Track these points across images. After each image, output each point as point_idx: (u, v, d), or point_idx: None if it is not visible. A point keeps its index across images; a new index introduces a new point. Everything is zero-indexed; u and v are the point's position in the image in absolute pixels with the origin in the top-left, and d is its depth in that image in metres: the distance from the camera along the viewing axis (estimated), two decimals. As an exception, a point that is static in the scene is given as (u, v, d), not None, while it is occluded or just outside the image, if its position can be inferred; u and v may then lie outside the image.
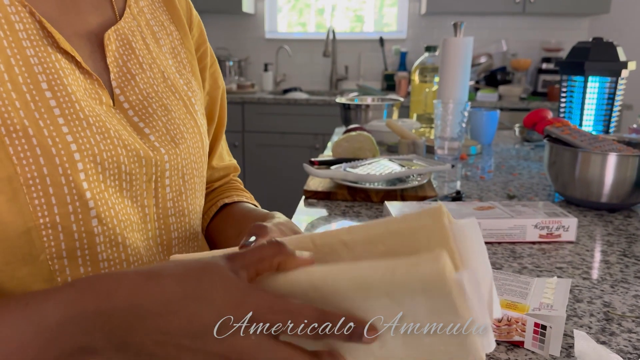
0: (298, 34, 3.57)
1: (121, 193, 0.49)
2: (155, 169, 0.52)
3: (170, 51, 0.60)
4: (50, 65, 0.45)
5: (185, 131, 0.56)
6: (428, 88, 1.72)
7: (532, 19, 3.31)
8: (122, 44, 0.54)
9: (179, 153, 0.55)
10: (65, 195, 0.43)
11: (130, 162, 0.49)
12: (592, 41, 1.33)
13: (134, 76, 0.54)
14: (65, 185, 0.43)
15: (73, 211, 0.44)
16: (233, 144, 3.10)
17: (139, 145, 0.50)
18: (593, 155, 0.95)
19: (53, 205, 0.43)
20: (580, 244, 0.82)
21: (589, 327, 0.58)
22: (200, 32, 0.67)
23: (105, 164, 0.46)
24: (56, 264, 0.44)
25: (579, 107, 1.36)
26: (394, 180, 1.07)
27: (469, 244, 0.35)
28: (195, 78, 0.63)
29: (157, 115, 0.54)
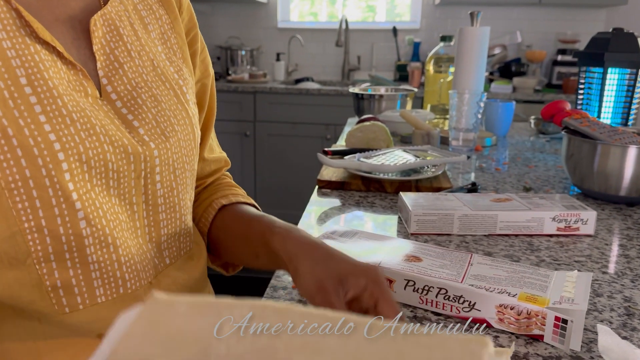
0: (310, 24, 3.54)
1: (108, 192, 0.46)
2: (145, 164, 0.49)
3: (159, 37, 0.57)
4: (29, 58, 0.42)
5: (176, 123, 0.54)
6: (443, 78, 1.70)
7: (548, 10, 3.26)
8: (109, 29, 0.51)
9: (170, 147, 0.52)
10: (50, 197, 0.41)
11: (117, 159, 0.46)
12: (612, 32, 1.30)
13: (122, 65, 0.51)
14: (50, 187, 0.41)
15: (59, 214, 0.42)
16: (244, 133, 3.10)
17: (127, 141, 0.47)
18: (613, 147, 0.93)
19: (38, 208, 0.41)
20: (598, 238, 0.81)
21: (609, 322, 0.57)
22: (190, 15, 0.63)
23: (92, 162, 0.44)
24: (44, 267, 0.43)
25: (597, 99, 1.34)
26: (408, 171, 1.06)
27: None
28: (187, 64, 0.60)
29: (146, 107, 0.51)
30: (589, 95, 1.37)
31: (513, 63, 3.15)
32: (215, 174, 0.73)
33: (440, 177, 1.05)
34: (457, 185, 1.06)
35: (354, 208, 0.92)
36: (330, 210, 0.91)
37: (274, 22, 3.53)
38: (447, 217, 0.79)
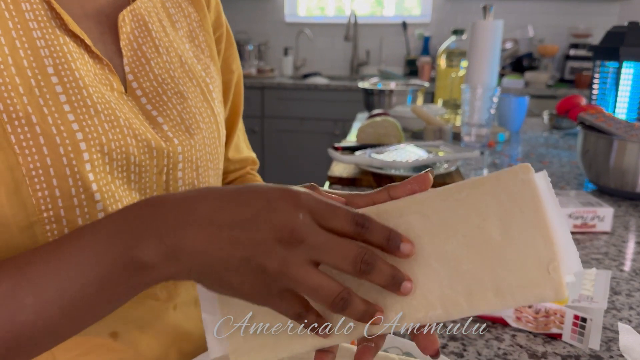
0: (318, 18, 3.53)
1: (129, 185, 0.46)
2: (167, 160, 0.49)
3: (187, 35, 0.57)
4: (57, 49, 0.42)
5: (202, 120, 0.53)
6: (454, 73, 1.68)
7: (560, 4, 3.22)
8: (137, 25, 0.51)
9: (194, 144, 0.51)
10: (70, 187, 0.41)
11: (140, 152, 0.46)
12: (628, 25, 1.28)
13: (149, 60, 0.51)
14: (70, 176, 0.41)
15: (78, 204, 0.41)
16: (252, 129, 3.09)
17: (151, 135, 0.47)
18: (629, 143, 0.91)
19: (57, 197, 0.40)
20: (615, 235, 0.80)
21: (628, 321, 0.56)
22: (217, 14, 0.63)
23: (113, 154, 0.44)
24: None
25: (613, 94, 1.32)
26: (420, 167, 1.05)
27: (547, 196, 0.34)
28: (214, 62, 0.60)
29: (172, 104, 0.51)
30: (603, 90, 1.35)
31: (525, 57, 3.12)
32: (239, 170, 0.72)
33: (453, 174, 1.04)
34: (470, 181, 1.05)
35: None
36: (342, 206, 0.91)
37: (282, 17, 3.51)
38: (461, 213, 0.78)
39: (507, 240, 0.33)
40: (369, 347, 0.38)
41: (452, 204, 0.35)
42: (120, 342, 0.48)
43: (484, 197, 0.34)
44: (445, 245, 0.34)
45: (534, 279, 0.32)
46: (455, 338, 0.53)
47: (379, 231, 0.34)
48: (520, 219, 0.33)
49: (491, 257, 0.33)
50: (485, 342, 0.52)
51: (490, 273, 0.33)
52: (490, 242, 0.33)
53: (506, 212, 0.33)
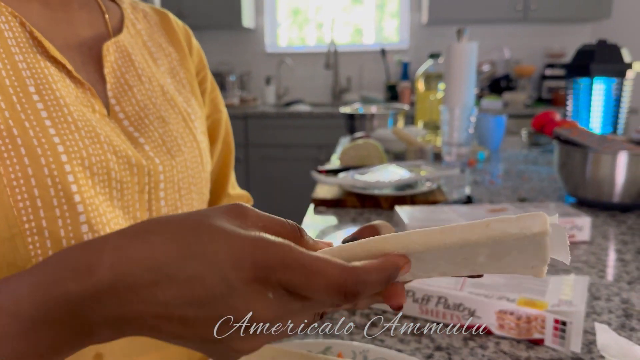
0: (299, 47, 3.59)
1: (112, 202, 0.46)
2: (149, 178, 0.50)
3: (168, 71, 0.60)
4: (39, 72, 0.44)
5: (183, 144, 0.55)
6: (433, 95, 1.72)
7: (534, 26, 3.32)
8: (121, 55, 0.54)
9: (175, 165, 0.52)
10: (52, 197, 0.41)
11: (120, 169, 0.47)
12: (597, 43, 1.33)
13: (132, 87, 0.53)
14: (52, 187, 0.41)
15: (60, 215, 0.41)
16: (237, 158, 3.11)
17: (131, 153, 0.48)
18: (603, 155, 0.94)
19: (39, 208, 0.40)
20: (594, 244, 0.81)
21: (608, 324, 0.57)
22: (200, 58, 0.66)
23: (94, 168, 0.44)
24: None
25: (586, 110, 1.36)
26: (403, 186, 1.07)
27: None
28: (196, 98, 0.62)
29: (153, 127, 0.53)
30: (577, 106, 1.40)
31: (502, 79, 3.20)
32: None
33: (435, 191, 1.06)
34: (452, 198, 1.07)
35: (350, 225, 0.93)
36: (327, 229, 0.92)
37: (262, 47, 3.57)
38: (443, 228, 0.79)
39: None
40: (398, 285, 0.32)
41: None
42: None
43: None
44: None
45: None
46: (441, 347, 0.53)
47: (377, 282, 0.29)
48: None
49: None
50: (470, 350, 0.53)
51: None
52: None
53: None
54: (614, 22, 3.19)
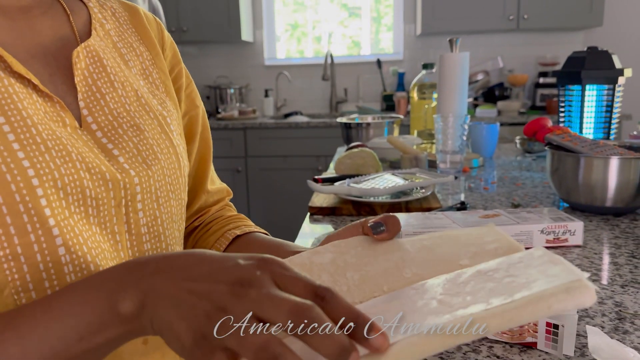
0: (297, 60, 3.62)
1: (88, 220, 0.45)
2: (125, 192, 0.48)
3: (141, 72, 0.57)
4: (2, 90, 0.42)
5: (160, 152, 0.53)
6: (427, 104, 1.74)
7: (527, 35, 3.35)
8: (92, 61, 0.51)
9: (152, 175, 0.51)
10: (25, 224, 0.40)
11: (95, 186, 0.45)
12: (587, 50, 1.35)
13: (104, 95, 0.51)
14: (25, 213, 0.40)
15: (36, 240, 0.41)
16: (236, 169, 3.12)
17: (105, 168, 0.47)
18: (595, 160, 0.95)
19: (12, 235, 0.40)
20: (587, 248, 0.82)
21: (601, 327, 0.57)
22: (173, 52, 0.64)
23: (68, 189, 0.43)
24: (23, 298, 0.41)
25: (578, 116, 1.37)
26: (398, 194, 1.08)
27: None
28: (170, 98, 0.60)
29: (127, 136, 0.51)
30: (570, 113, 1.41)
31: (496, 87, 3.22)
32: (218, 203, 0.73)
33: (430, 198, 1.07)
34: (447, 205, 1.07)
35: (346, 232, 0.93)
36: (323, 236, 0.92)
37: (261, 60, 3.60)
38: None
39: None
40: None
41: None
42: None
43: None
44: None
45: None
46: (434, 352, 0.54)
47: (342, 310, 0.30)
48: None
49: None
50: (463, 354, 0.53)
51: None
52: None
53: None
54: (605, 30, 3.22)
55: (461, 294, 0.35)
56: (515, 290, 0.33)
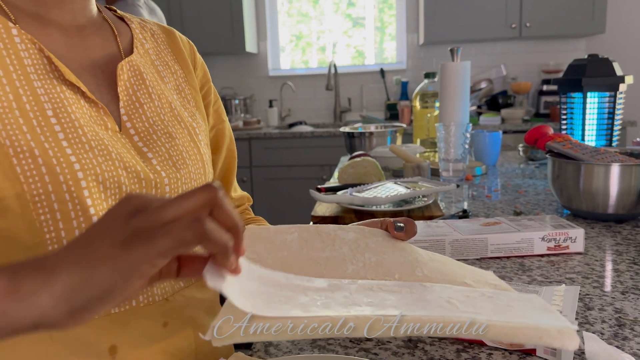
0: (300, 70, 3.65)
1: None
2: (155, 190, 0.54)
3: (174, 88, 0.65)
4: (55, 97, 0.49)
5: (188, 158, 0.60)
6: (430, 113, 1.75)
7: (530, 43, 3.36)
8: (133, 74, 0.59)
9: (180, 177, 0.57)
10: (69, 211, 0.46)
11: (130, 182, 0.52)
12: (588, 58, 1.36)
13: (142, 105, 0.58)
14: (70, 201, 0.46)
15: (77, 226, 0.46)
16: (241, 179, 3.13)
17: (140, 168, 0.53)
18: (596, 167, 0.95)
19: (58, 220, 0.46)
20: (589, 255, 0.82)
21: (601, 334, 0.57)
22: (204, 72, 0.72)
23: (107, 183, 0.49)
24: None
25: (580, 124, 1.38)
26: (400, 202, 1.08)
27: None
28: (200, 112, 0.67)
29: (160, 142, 0.58)
30: (571, 120, 1.41)
31: (500, 95, 3.23)
32: (239, 207, 0.81)
33: (432, 206, 1.08)
34: (449, 213, 1.08)
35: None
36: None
37: (265, 71, 3.63)
38: (439, 242, 0.81)
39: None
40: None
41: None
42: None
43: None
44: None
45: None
46: (434, 359, 0.54)
47: (227, 219, 0.34)
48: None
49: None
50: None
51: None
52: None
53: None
54: (608, 37, 3.23)
55: (468, 304, 0.39)
56: (515, 317, 0.38)
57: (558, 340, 0.36)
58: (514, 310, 0.40)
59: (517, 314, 0.39)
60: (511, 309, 0.40)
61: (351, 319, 0.34)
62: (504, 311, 0.39)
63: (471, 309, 0.38)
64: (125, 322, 0.52)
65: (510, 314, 0.38)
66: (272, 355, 0.56)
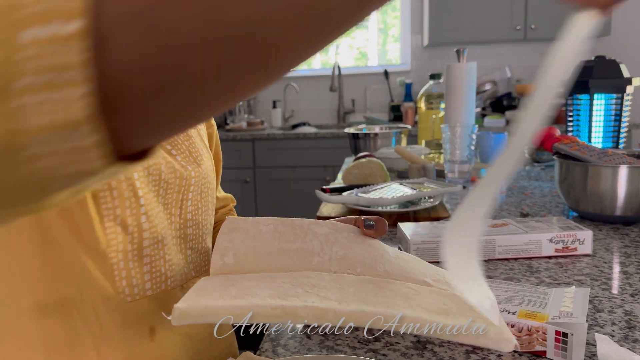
0: (304, 71, 3.65)
1: (158, 199, 0.55)
2: (185, 182, 0.59)
3: None
4: None
5: (202, 155, 0.64)
6: (435, 114, 1.74)
7: (534, 45, 3.36)
8: None
9: (201, 172, 0.62)
10: (123, 190, 0.51)
11: (168, 172, 0.56)
12: (595, 59, 1.35)
13: None
14: (124, 181, 0.51)
15: (129, 205, 0.51)
16: (245, 180, 3.13)
17: (173, 160, 0.58)
18: (604, 168, 0.95)
19: (115, 198, 0.50)
20: (597, 257, 0.82)
21: (611, 336, 0.57)
22: None
23: (151, 169, 0.54)
24: (114, 257, 0.51)
25: (587, 125, 1.37)
26: (406, 203, 1.08)
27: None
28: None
29: (180, 140, 0.62)
30: (578, 122, 1.41)
31: (504, 97, 3.22)
32: (224, 208, 0.85)
33: (438, 208, 1.07)
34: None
35: (354, 242, 0.93)
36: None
37: (269, 72, 3.63)
38: (446, 244, 0.80)
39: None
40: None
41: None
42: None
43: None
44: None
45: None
46: (443, 361, 0.54)
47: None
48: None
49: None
50: (472, 363, 0.53)
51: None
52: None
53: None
54: (613, 39, 3.22)
55: (401, 297, 0.45)
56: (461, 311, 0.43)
57: (494, 343, 0.39)
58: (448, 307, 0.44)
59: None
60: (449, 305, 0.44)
61: (347, 315, 0.37)
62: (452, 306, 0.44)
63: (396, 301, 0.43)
64: (158, 304, 0.54)
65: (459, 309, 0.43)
66: (280, 355, 0.55)
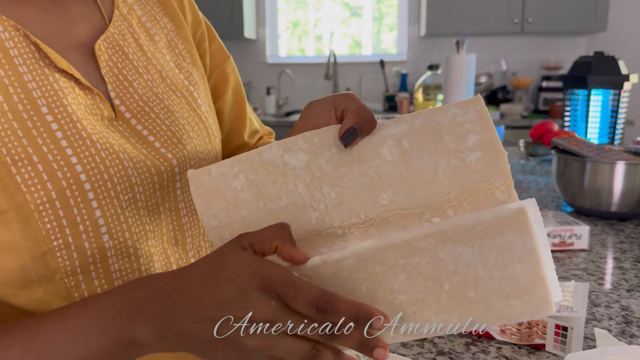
0: (299, 58, 3.62)
1: (136, 205, 0.48)
2: (166, 175, 0.51)
3: (166, 45, 0.58)
4: (48, 88, 0.45)
5: (191, 130, 0.55)
6: (432, 105, 1.74)
7: (531, 39, 3.36)
8: (114, 51, 0.52)
9: (187, 154, 0.54)
10: (75, 216, 0.44)
11: (139, 173, 0.49)
12: (594, 55, 1.35)
13: (131, 82, 0.52)
14: (75, 207, 0.44)
15: (84, 230, 0.44)
16: (237, 166, 3.11)
17: (144, 156, 0.50)
18: (601, 164, 0.95)
19: (65, 227, 0.43)
20: (593, 252, 0.82)
21: (608, 330, 0.58)
22: (193, 14, 0.64)
23: (114, 179, 0.46)
24: (72, 280, 0.45)
25: (584, 121, 1.37)
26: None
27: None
28: (197, 67, 0.61)
29: (160, 119, 0.53)
30: (575, 117, 1.41)
31: (499, 90, 3.22)
32: (261, 139, 0.74)
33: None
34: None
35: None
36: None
37: (263, 58, 3.60)
38: (444, 235, 0.80)
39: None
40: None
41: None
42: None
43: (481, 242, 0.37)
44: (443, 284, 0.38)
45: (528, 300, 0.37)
46: (443, 352, 0.54)
47: (346, 312, 0.36)
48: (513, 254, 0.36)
49: (488, 289, 0.37)
50: (472, 355, 0.53)
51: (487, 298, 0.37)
52: (485, 279, 0.37)
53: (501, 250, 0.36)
54: (609, 34, 3.23)
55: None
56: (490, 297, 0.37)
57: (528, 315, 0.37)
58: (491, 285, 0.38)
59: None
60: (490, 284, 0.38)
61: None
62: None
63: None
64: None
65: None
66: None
